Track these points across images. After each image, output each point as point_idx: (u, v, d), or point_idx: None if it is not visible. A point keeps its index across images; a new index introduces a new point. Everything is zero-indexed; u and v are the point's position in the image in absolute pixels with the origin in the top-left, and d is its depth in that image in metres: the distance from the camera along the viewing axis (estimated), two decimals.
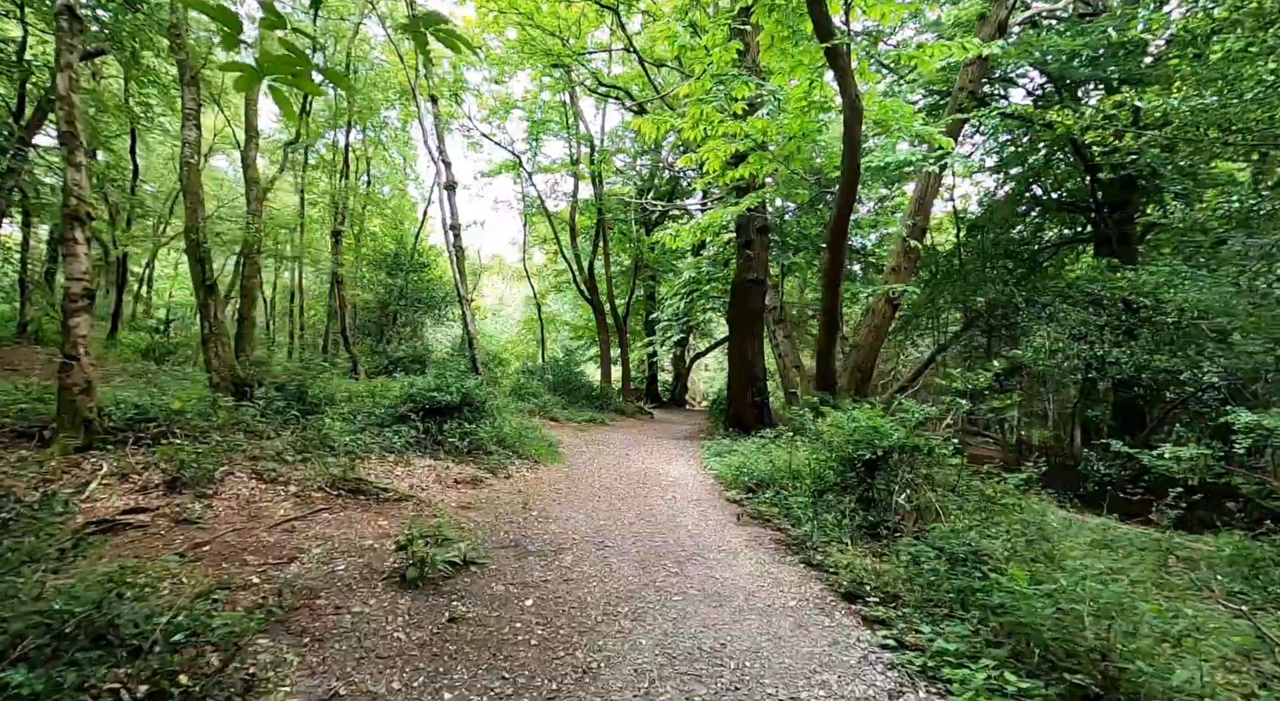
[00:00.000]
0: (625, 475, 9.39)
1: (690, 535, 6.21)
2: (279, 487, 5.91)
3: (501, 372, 23.16)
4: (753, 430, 15.00)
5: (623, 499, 7.56)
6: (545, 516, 6.41)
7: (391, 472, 7.13)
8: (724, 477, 8.88)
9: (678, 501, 7.62)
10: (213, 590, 3.70)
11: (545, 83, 22.78)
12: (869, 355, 14.75)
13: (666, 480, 9.13)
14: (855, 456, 6.72)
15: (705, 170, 12.41)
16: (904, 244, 14.61)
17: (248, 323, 9.58)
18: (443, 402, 8.76)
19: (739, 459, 9.44)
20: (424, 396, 8.75)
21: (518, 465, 8.96)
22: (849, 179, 11.79)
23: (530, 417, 15.37)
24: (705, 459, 11.25)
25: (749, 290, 15.26)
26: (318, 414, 8.22)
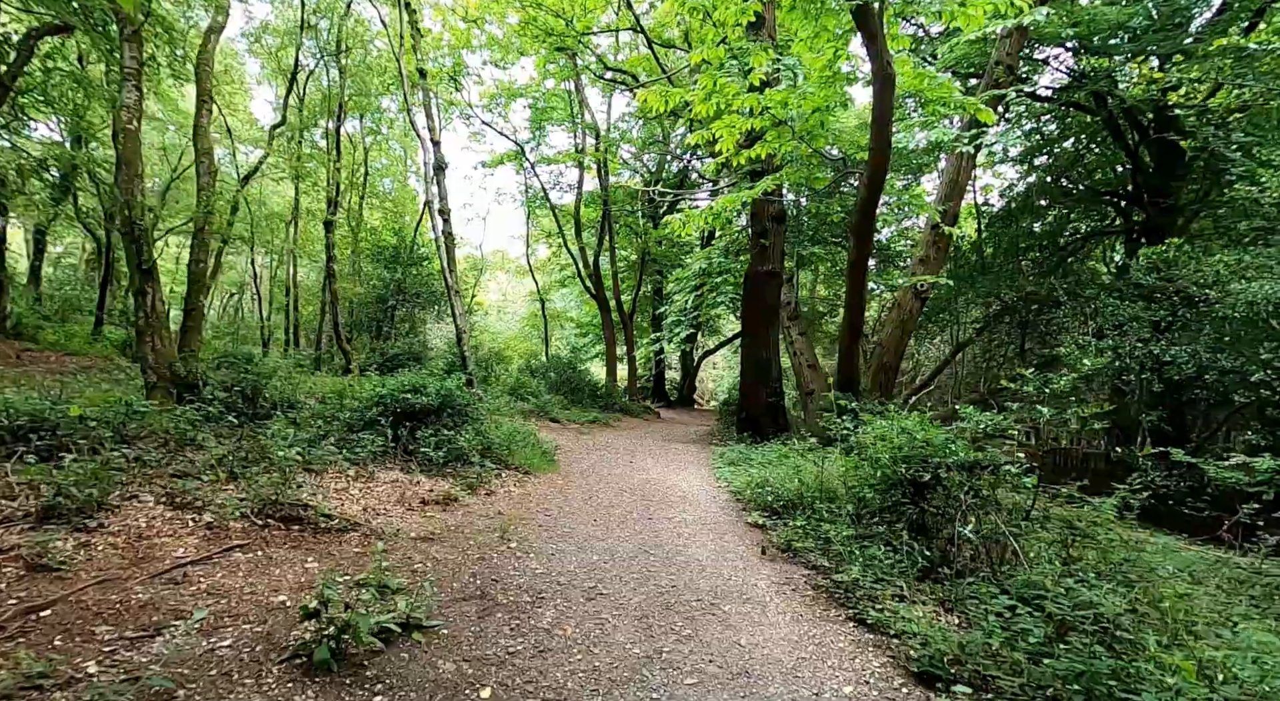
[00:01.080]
0: (628, 488, 8.07)
1: (705, 575, 4.89)
2: (190, 516, 4.63)
3: (503, 370, 21.93)
4: (768, 434, 13.68)
5: (623, 522, 6.25)
6: (526, 549, 5.10)
7: (345, 492, 5.84)
8: (742, 494, 7.54)
9: (688, 525, 6.30)
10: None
11: (549, 70, 21.46)
12: (894, 353, 13.37)
13: (675, 495, 7.81)
14: (906, 475, 5.39)
15: (718, 149, 11.10)
16: (933, 232, 13.22)
17: (195, 313, 8.32)
18: (417, 406, 7.48)
19: (758, 471, 8.10)
20: (395, 399, 7.47)
21: (504, 478, 7.66)
22: (878, 157, 10.45)
23: (527, 419, 14.09)
24: (718, 468, 9.93)
25: (764, 283, 13.91)
26: (272, 419, 6.95)
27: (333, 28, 16.98)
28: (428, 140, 11.44)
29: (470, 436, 7.69)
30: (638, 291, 24.42)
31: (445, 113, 24.37)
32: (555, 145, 25.62)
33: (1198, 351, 10.32)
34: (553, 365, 19.94)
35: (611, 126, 23.34)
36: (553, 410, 15.46)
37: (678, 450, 12.32)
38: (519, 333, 32.28)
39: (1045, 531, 5.27)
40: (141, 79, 7.54)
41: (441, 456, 7.10)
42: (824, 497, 6.16)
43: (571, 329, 30.57)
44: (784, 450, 10.36)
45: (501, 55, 20.67)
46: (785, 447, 10.68)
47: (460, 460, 7.35)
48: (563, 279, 28.35)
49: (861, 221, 11.05)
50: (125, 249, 7.15)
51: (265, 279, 27.19)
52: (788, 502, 6.40)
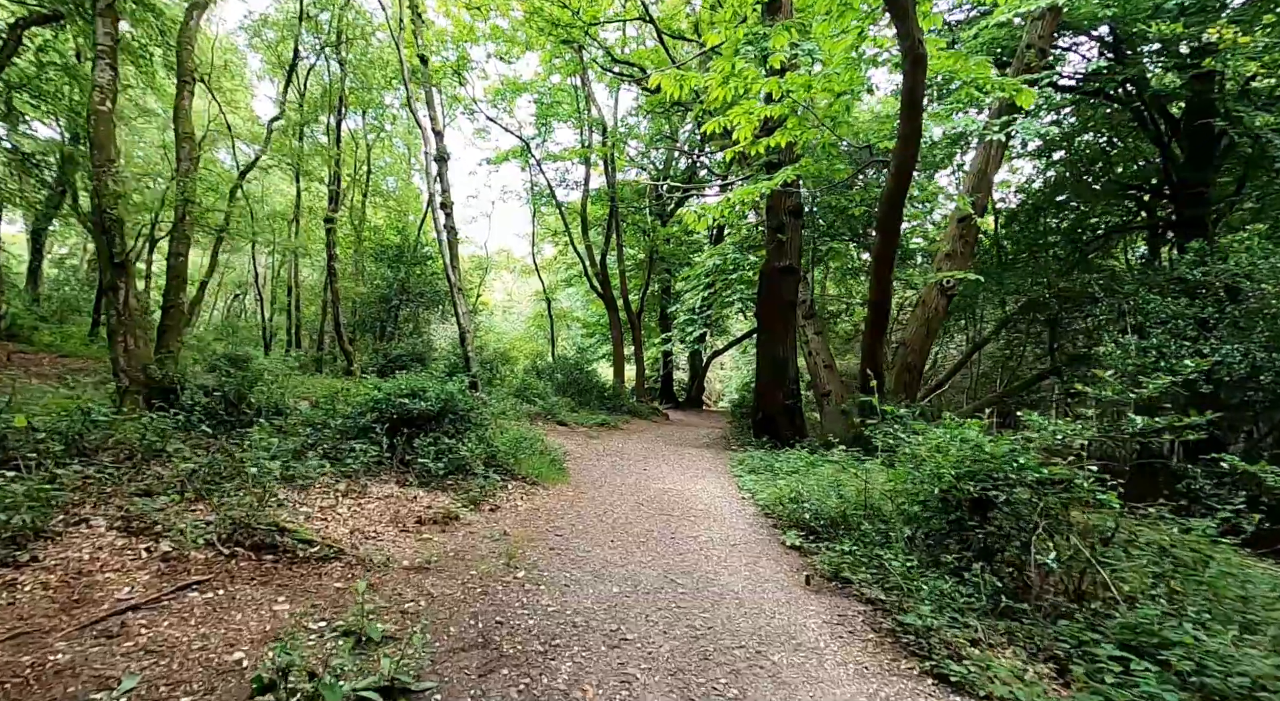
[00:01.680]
0: (644, 500, 7.34)
1: (745, 611, 4.16)
2: (145, 544, 3.93)
3: (509, 371, 21.24)
4: (786, 438, 12.94)
5: (643, 542, 5.52)
6: (536, 580, 4.38)
7: (332, 510, 5.13)
8: (773, 509, 6.80)
9: (716, 546, 5.57)
10: None
11: (555, 64, 20.77)
12: (918, 353, 12.61)
13: (696, 507, 7.09)
14: (973, 493, 4.65)
15: (735, 137, 10.38)
16: (960, 226, 12.46)
17: (174, 311, 7.62)
18: (415, 412, 6.77)
19: (786, 482, 7.35)
20: (391, 404, 6.76)
21: (510, 490, 6.94)
22: (908, 144, 9.70)
23: (534, 423, 13.39)
24: (739, 476, 9.19)
25: (780, 279, 13.17)
26: (256, 426, 6.25)
27: (333, 19, 16.31)
28: (428, 129, 10.75)
29: (473, 444, 6.97)
30: (645, 290, 23.70)
31: (449, 109, 23.72)
32: (561, 141, 24.88)
33: (1250, 350, 9.54)
34: (559, 366, 19.22)
35: (618, 122, 22.63)
36: (560, 413, 14.75)
37: (692, 455, 11.59)
38: (524, 333, 31.56)
39: (1133, 558, 4.53)
40: (117, 57, 6.86)
41: (441, 467, 6.38)
42: (870, 516, 5.41)
43: (578, 329, 29.86)
44: (809, 457, 9.62)
45: (507, 48, 20.00)
46: (809, 454, 9.94)
47: (462, 471, 6.64)
48: (569, 278, 27.63)
49: (888, 214, 10.31)
50: (95, 240, 6.46)
51: (268, 279, 26.57)
52: (829, 521, 5.65)
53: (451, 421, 7.21)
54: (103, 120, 6.53)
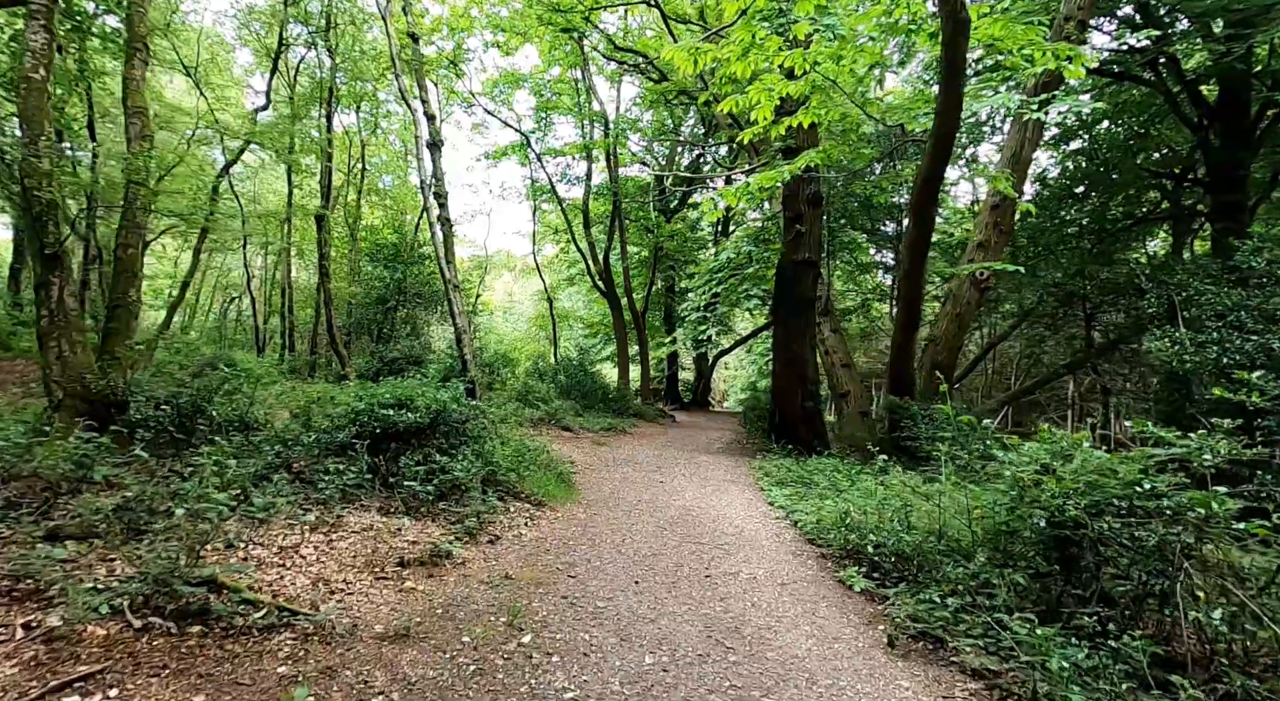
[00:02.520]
0: (666, 521, 6.33)
1: (819, 692, 3.14)
2: (29, 616, 2.91)
3: (510, 374, 20.22)
4: (807, 444, 11.91)
5: (673, 583, 4.50)
6: (547, 647, 3.36)
7: (294, 551, 4.11)
8: (815, 533, 5.77)
9: (762, 586, 4.55)
10: None
11: (555, 56, 19.75)
12: (949, 351, 11.60)
13: (726, 530, 6.07)
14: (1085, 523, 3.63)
15: (753, 117, 9.37)
16: (993, 213, 11.46)
17: (122, 312, 6.59)
18: (401, 425, 5.74)
19: (833, 503, 6.31)
20: (374, 416, 5.74)
21: (513, 513, 5.92)
22: (947, 117, 8.69)
23: (537, 429, 12.37)
24: (766, 490, 8.16)
25: (799, 273, 12.15)
26: (213, 444, 5.22)
27: (323, 6, 15.28)
28: (419, 112, 9.73)
29: (469, 461, 5.95)
30: (650, 289, 22.67)
31: (446, 103, 22.70)
32: (562, 136, 23.87)
33: None
34: (562, 368, 18.20)
35: (620, 116, 21.60)
36: (564, 417, 13.74)
37: (709, 464, 10.57)
38: (526, 334, 30.48)
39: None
40: (53, 19, 5.83)
41: (431, 490, 5.35)
42: (949, 548, 4.39)
43: (580, 329, 28.83)
44: (842, 467, 8.60)
45: (506, 39, 18.96)
46: (842, 464, 8.92)
47: (456, 493, 5.61)
48: (571, 277, 26.59)
49: (924, 195, 9.30)
50: (26, 227, 5.45)
51: (262, 280, 25.55)
52: (895, 555, 4.62)
53: (444, 434, 6.20)
54: (34, 89, 5.52)
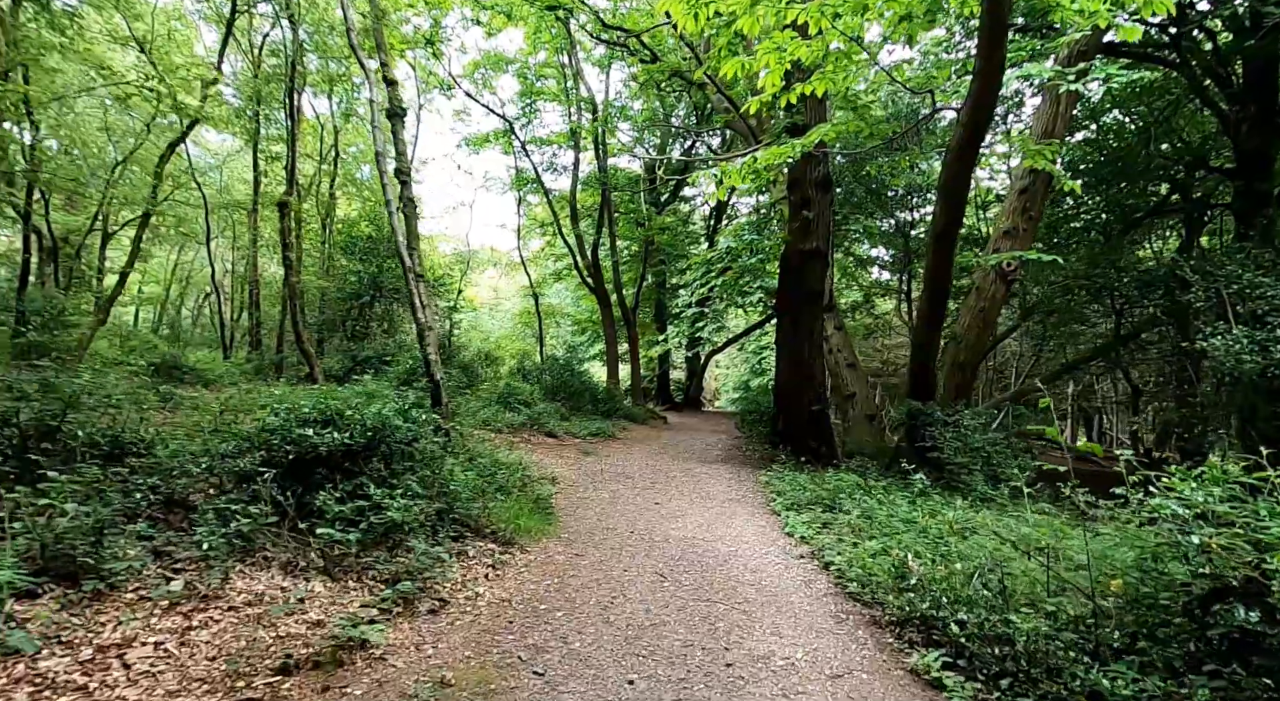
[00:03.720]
0: (665, 566, 4.96)
1: None
2: None
3: (493, 373, 18.76)
4: (815, 453, 10.60)
5: (682, 680, 3.13)
6: None
7: (117, 654, 2.71)
8: (859, 584, 4.40)
9: (805, 681, 3.19)
10: None
11: (540, 39, 18.28)
12: (973, 350, 10.34)
13: (743, 580, 4.71)
14: None
15: (760, 85, 8.06)
16: (1021, 198, 10.19)
17: None
18: (324, 449, 4.33)
19: (878, 545, 4.94)
20: (289, 437, 4.32)
21: (470, 560, 4.53)
22: (986, 80, 7.42)
23: (517, 436, 10.99)
24: (780, 514, 6.80)
25: (805, 264, 10.81)
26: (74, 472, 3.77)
27: None
28: (370, 70, 8.26)
29: (415, 493, 4.54)
30: (640, 284, 21.28)
31: (425, 90, 21.18)
32: (548, 125, 22.40)
33: None
34: (548, 367, 16.80)
35: (608, 103, 20.17)
36: (548, 422, 12.34)
37: (709, 477, 9.22)
38: (511, 331, 28.95)
39: None
40: None
41: (357, 537, 3.95)
42: (1081, 636, 3.05)
43: (568, 326, 27.40)
44: (866, 484, 7.28)
45: (489, 18, 17.48)
46: (863, 480, 7.60)
47: (393, 539, 4.22)
48: (558, 272, 25.11)
49: (956, 174, 7.99)
50: None
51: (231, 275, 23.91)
52: (984, 630, 3.27)
53: (386, 458, 4.78)
54: None
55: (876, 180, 11.94)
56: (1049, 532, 3.75)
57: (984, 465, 8.51)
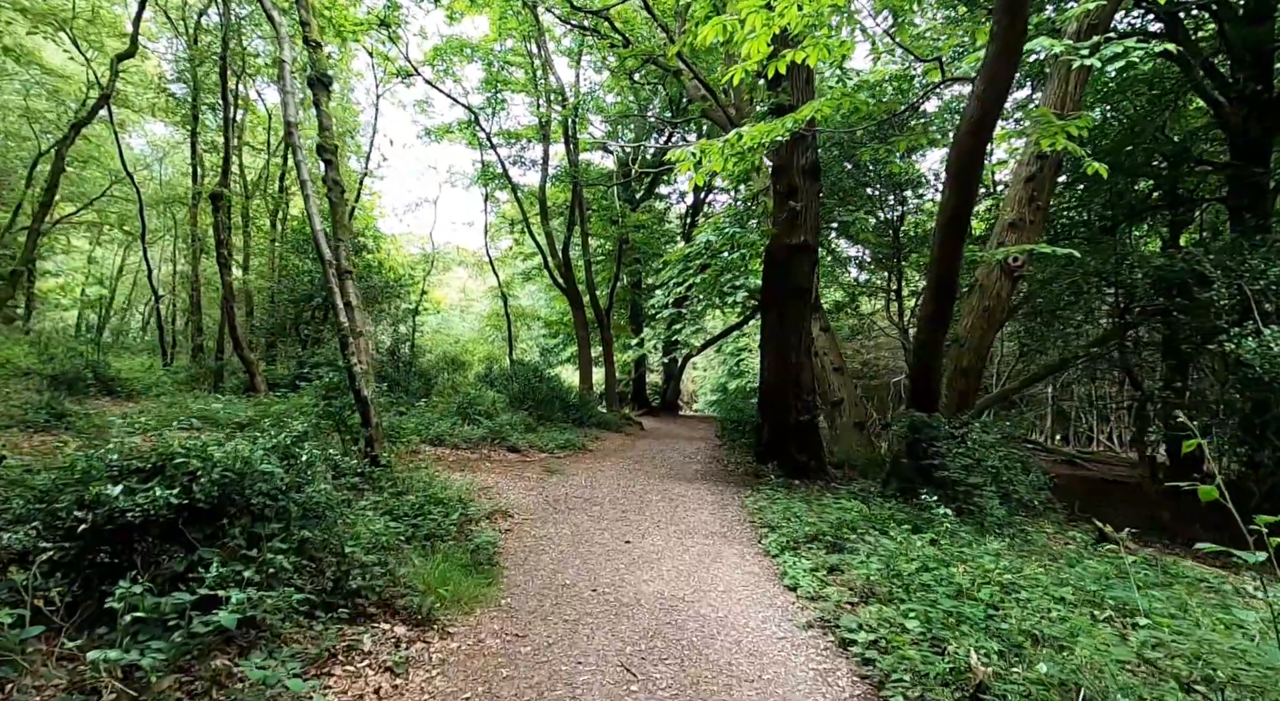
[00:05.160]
0: (635, 646, 3.67)
1: None
2: None
3: (460, 379, 17.30)
4: (804, 469, 9.42)
5: None
6: None
7: None
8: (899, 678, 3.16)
9: None
10: None
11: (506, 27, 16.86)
12: (976, 353, 9.22)
13: (735, 674, 3.41)
14: None
15: (744, 53, 6.89)
16: (1028, 185, 9.10)
17: None
18: (134, 515, 2.94)
19: (920, 624, 3.66)
20: (87, 498, 2.92)
21: (358, 662, 3.19)
22: (1004, 52, 6.32)
23: (475, 452, 9.64)
24: (776, 554, 5.52)
25: (792, 258, 9.60)
26: None
27: None
28: (280, 25, 6.77)
29: (272, 573, 3.17)
30: (614, 284, 19.97)
31: (385, 82, 19.59)
32: (516, 117, 20.96)
33: None
34: (515, 374, 15.39)
35: (579, 93, 18.81)
36: (512, 435, 10.96)
37: (689, 501, 7.94)
38: (479, 334, 27.35)
39: None
40: None
41: (162, 657, 2.57)
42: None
43: (540, 329, 25.92)
44: (872, 512, 6.05)
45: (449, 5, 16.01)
46: (868, 506, 6.38)
47: (237, 642, 2.85)
48: (528, 272, 23.65)
49: (968, 154, 6.81)
50: None
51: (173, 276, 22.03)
52: None
53: (251, 516, 3.40)
54: None
55: (870, 167, 10.76)
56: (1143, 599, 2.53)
57: (992, 481, 7.44)
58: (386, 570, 3.88)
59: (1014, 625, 3.38)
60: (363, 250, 18.21)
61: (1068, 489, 10.75)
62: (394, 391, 11.78)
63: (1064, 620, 3.39)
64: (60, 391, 10.45)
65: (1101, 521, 8.96)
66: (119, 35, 14.45)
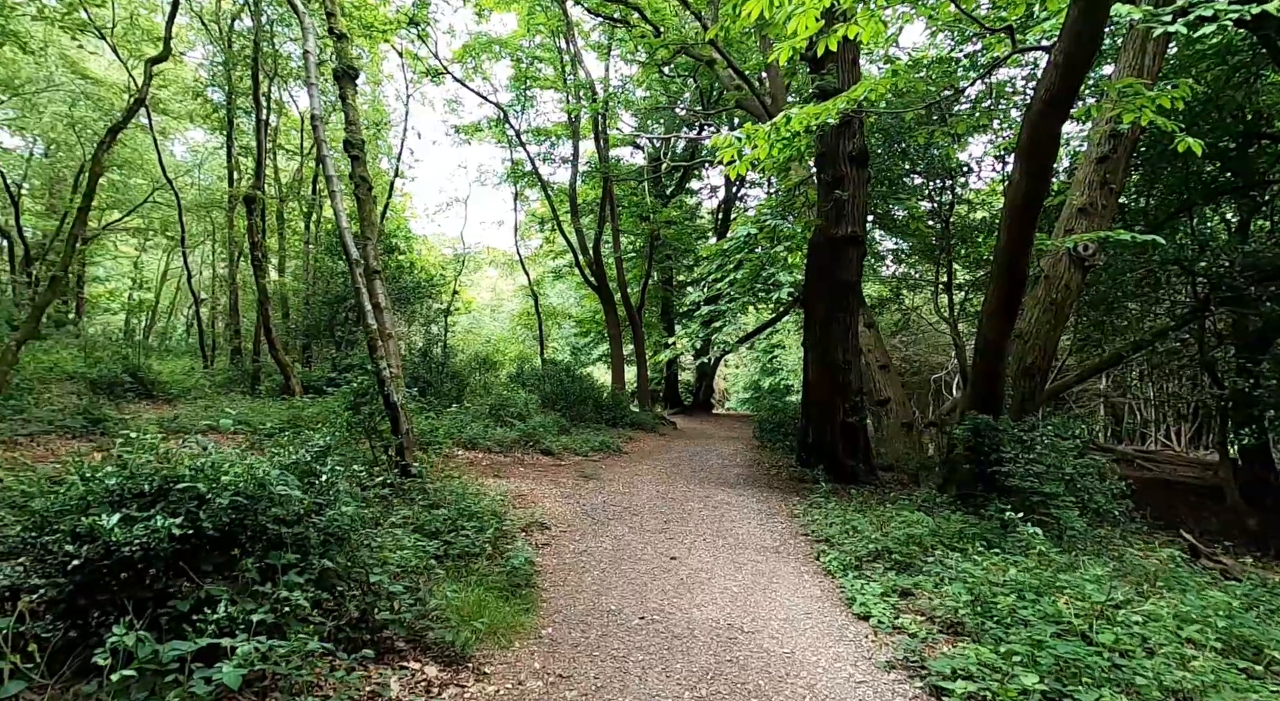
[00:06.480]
0: (691, 689, 3.22)
1: None
2: None
3: (492, 378, 17.03)
4: (853, 473, 8.84)
5: None
6: None
7: None
8: None
9: None
10: None
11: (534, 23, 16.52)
12: (1042, 350, 8.49)
13: None
14: None
15: (790, 30, 6.34)
16: (1100, 166, 8.34)
17: None
18: (132, 549, 2.57)
19: (1032, 678, 3.13)
20: (78, 530, 2.57)
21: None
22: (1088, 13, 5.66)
23: (509, 456, 9.30)
24: (837, 574, 4.98)
25: (838, 252, 8.99)
26: None
27: None
28: (306, 18, 6.44)
29: (285, 612, 2.79)
30: (646, 282, 19.48)
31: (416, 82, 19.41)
32: (545, 114, 20.61)
33: None
34: (547, 373, 15.04)
35: (608, 86, 18.37)
36: (545, 438, 10.59)
37: (735, 510, 7.43)
38: (510, 334, 27.15)
39: None
40: None
41: None
42: None
43: (570, 327, 25.58)
44: (934, 521, 5.46)
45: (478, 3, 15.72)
46: (929, 515, 5.79)
47: (245, 692, 2.47)
48: (558, 270, 23.34)
49: (1042, 131, 6.16)
50: None
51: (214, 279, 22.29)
52: None
53: (266, 544, 3.03)
54: None
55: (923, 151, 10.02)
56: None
57: (1067, 490, 6.80)
58: (417, 599, 3.47)
59: (1151, 679, 2.82)
60: (394, 251, 18.10)
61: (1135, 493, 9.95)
62: (426, 394, 11.51)
63: (1214, 673, 2.81)
64: (100, 395, 10.43)
65: (1184, 530, 8.14)
66: (155, 40, 14.48)
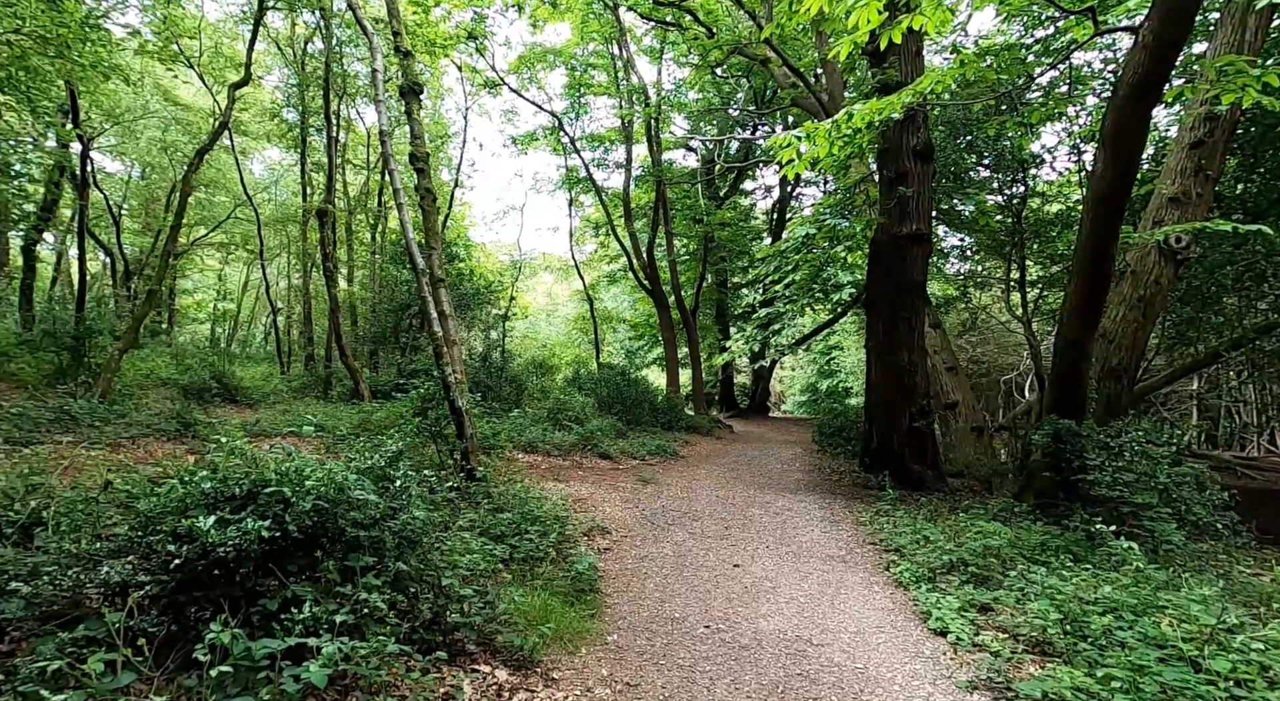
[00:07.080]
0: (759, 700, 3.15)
1: None
2: None
3: (549, 382, 17.30)
4: (921, 480, 8.49)
5: None
6: None
7: None
8: None
9: None
10: None
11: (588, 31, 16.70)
12: (1129, 350, 7.94)
13: None
14: None
15: (851, 24, 6.14)
16: (1194, 152, 7.74)
17: None
18: (226, 550, 2.71)
19: (1110, 678, 2.92)
20: (177, 532, 2.73)
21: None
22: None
23: (568, 460, 9.39)
24: (910, 586, 4.78)
25: (903, 252, 8.66)
26: None
27: None
28: (369, 29, 6.70)
29: (365, 613, 2.87)
30: (700, 284, 19.37)
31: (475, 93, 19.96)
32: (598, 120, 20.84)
33: None
34: (603, 377, 15.14)
35: (662, 96, 18.39)
36: (602, 441, 10.65)
37: (797, 515, 7.26)
38: (565, 338, 27.53)
39: None
40: None
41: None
42: None
43: (625, 331, 25.71)
44: (1019, 537, 5.15)
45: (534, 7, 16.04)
46: (1006, 526, 5.47)
47: (329, 690, 2.56)
48: (612, 274, 23.50)
49: (1128, 116, 5.76)
50: None
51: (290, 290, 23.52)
52: None
53: (344, 546, 3.14)
54: None
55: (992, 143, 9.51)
56: None
57: (1162, 500, 6.31)
58: (486, 603, 3.53)
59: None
60: (455, 259, 18.66)
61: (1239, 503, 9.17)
62: (487, 398, 11.79)
63: None
64: (190, 400, 11.15)
65: None
66: (237, 67, 15.44)
